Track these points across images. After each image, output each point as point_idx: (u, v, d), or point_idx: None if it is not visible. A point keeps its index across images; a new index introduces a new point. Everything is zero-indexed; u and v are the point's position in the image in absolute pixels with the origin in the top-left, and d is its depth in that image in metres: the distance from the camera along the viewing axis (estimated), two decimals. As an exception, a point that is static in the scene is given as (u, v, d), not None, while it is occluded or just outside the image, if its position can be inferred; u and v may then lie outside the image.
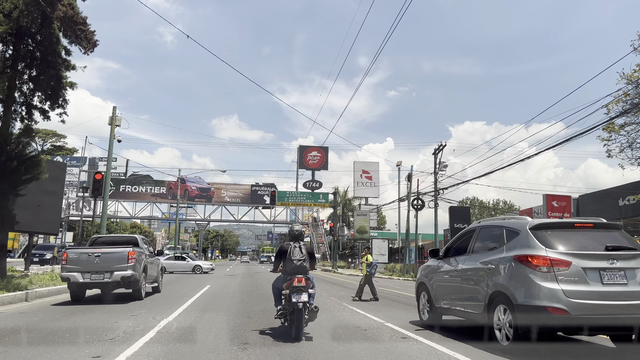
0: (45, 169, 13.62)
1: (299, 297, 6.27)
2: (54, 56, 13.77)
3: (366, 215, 40.97)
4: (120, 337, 6.26)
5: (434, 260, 8.06)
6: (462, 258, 7.04)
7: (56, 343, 5.92)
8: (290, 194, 46.41)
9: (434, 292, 7.69)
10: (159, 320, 7.84)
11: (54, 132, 69.26)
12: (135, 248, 12.06)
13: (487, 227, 7.01)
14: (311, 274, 6.88)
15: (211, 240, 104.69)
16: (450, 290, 7.20)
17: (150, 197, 58.93)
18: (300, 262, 6.64)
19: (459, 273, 6.95)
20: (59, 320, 7.91)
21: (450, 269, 7.26)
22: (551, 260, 5.48)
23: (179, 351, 5.52)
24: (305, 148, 58.78)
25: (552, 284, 5.37)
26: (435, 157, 30.73)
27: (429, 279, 7.97)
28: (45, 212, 17.69)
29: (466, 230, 7.61)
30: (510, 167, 43.65)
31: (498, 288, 5.90)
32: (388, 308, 10.78)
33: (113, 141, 19.36)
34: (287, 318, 6.59)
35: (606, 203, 26.08)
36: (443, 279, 7.50)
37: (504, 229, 6.38)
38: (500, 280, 5.90)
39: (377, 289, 12.98)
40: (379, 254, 34.80)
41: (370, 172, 53.93)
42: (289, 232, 7.32)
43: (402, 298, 13.66)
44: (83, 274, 11.16)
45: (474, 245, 6.90)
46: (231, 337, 6.47)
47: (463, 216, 31.83)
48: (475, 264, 6.57)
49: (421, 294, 8.22)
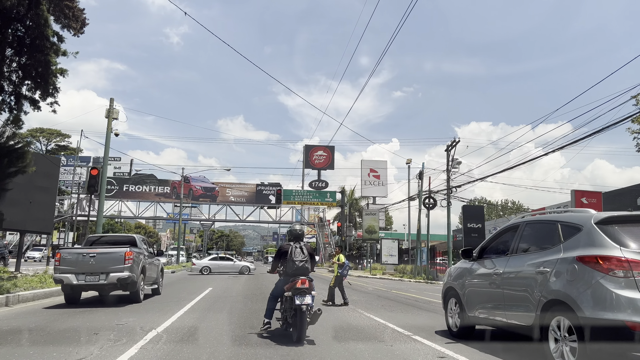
0: (32, 162, 12.62)
1: (303, 299, 6.01)
2: (42, 40, 12.77)
3: (375, 214, 39.78)
4: (95, 356, 5.15)
5: (465, 261, 7.07)
6: (502, 259, 6.07)
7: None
8: (297, 192, 45.23)
9: (466, 298, 6.71)
10: (147, 330, 6.74)
11: (59, 131, 68.89)
12: (132, 248, 11.18)
13: (534, 222, 6.03)
14: (316, 274, 6.27)
15: (216, 240, 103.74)
16: (488, 297, 6.20)
17: (154, 197, 58.05)
18: (302, 263, 6.40)
19: (499, 277, 5.94)
20: (30, 330, 6.82)
21: (488, 272, 6.26)
22: (630, 262, 4.43)
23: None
24: (311, 147, 57.80)
25: (631, 292, 4.33)
26: (448, 154, 29.51)
27: (460, 283, 6.98)
28: (37, 209, 16.68)
29: (506, 227, 6.57)
30: (516, 167, 42.60)
31: (555, 296, 4.89)
32: (409, 315, 9.64)
33: (110, 135, 18.31)
34: (287, 321, 6.33)
35: (623, 202, 25.00)
36: (478, 283, 6.53)
37: (559, 224, 5.36)
38: (557, 287, 4.89)
39: (391, 292, 11.84)
40: (389, 254, 33.55)
41: (378, 171, 52.75)
42: (290, 232, 7.08)
43: (421, 303, 12.49)
44: (77, 275, 10.46)
45: (518, 244, 5.93)
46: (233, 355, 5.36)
47: (476, 215, 30.49)
48: (522, 266, 5.59)
49: (450, 300, 7.25)
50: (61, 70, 13.98)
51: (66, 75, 14.07)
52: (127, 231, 74.71)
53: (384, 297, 13.91)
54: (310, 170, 57.99)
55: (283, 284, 6.56)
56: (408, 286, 21.20)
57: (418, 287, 20.33)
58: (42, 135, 68.36)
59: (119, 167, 63.28)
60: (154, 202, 57.59)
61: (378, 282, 25.07)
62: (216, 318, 8.45)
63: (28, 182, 16.40)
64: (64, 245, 42.40)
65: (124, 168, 62.86)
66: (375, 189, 52.53)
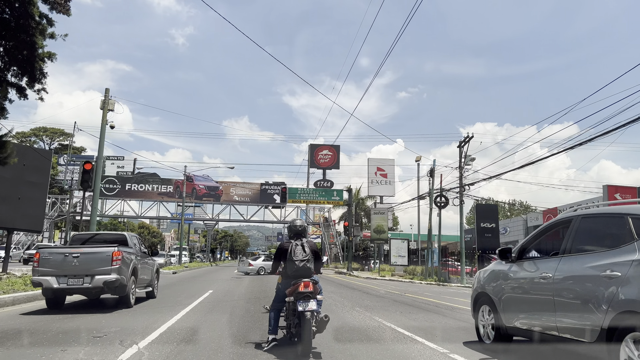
0: (14, 153, 11.55)
1: (306, 305, 5.26)
2: (26, 19, 11.66)
3: (384, 213, 38.51)
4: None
5: (500, 263, 6.12)
6: (551, 261, 5.13)
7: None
8: (302, 190, 44.00)
9: (503, 306, 5.78)
10: (126, 346, 5.59)
11: (62, 130, 68.34)
12: (121, 247, 10.06)
13: (593, 216, 5.04)
14: (320, 276, 5.75)
15: (219, 240, 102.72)
16: (533, 306, 5.28)
17: (157, 196, 57.06)
18: (304, 263, 5.59)
19: (549, 282, 4.99)
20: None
21: (533, 275, 5.34)
22: None
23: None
24: (316, 147, 56.76)
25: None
26: (461, 150, 28.22)
27: (494, 288, 6.04)
28: (26, 206, 15.61)
29: (554, 221, 5.58)
30: (521, 168, 41.37)
31: (629, 307, 3.98)
32: (434, 323, 8.45)
33: (105, 127, 17.23)
34: (291, 331, 5.63)
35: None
36: (519, 289, 5.58)
37: (630, 217, 4.39)
38: (632, 295, 3.97)
39: (405, 295, 10.77)
40: (398, 255, 32.23)
41: (386, 169, 51.48)
42: (290, 228, 6.17)
43: (442, 309, 11.28)
44: (58, 278, 9.36)
45: (572, 242, 4.95)
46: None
47: (490, 214, 29.22)
48: (581, 269, 4.66)
49: (481, 307, 6.32)
50: (49, 54, 12.88)
51: (54, 59, 12.97)
52: (130, 231, 73.77)
53: (400, 302, 12.73)
54: (315, 169, 57.04)
55: (284, 288, 5.72)
56: (421, 289, 19.97)
57: (432, 290, 19.11)
58: (46, 134, 67.87)
59: (122, 167, 62.50)
60: (156, 202, 56.64)
61: (388, 284, 23.85)
62: (214, 327, 7.30)
63: (16, 177, 15.35)
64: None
65: (127, 167, 62.04)
66: (382, 187, 51.27)
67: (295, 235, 5.97)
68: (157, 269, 13.25)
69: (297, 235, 5.97)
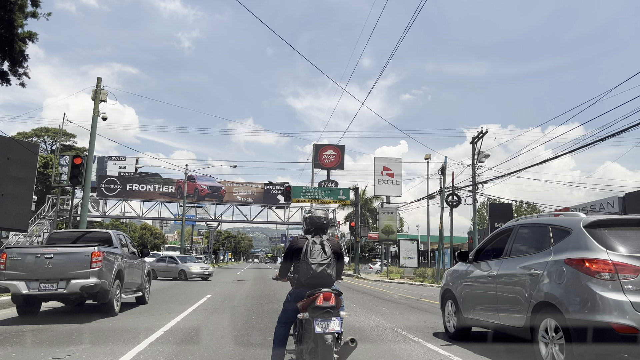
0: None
1: (327, 325, 3.88)
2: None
3: (393, 213, 37.18)
4: None
5: (462, 264, 7.08)
6: (497, 262, 6.10)
7: None
8: (307, 189, 42.52)
9: (462, 300, 6.73)
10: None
11: (64, 130, 67.31)
12: (103, 247, 8.77)
13: (527, 225, 5.98)
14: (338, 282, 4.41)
15: (222, 241, 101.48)
16: (482, 300, 6.25)
17: (159, 197, 55.99)
18: (323, 268, 4.12)
19: (493, 279, 6.00)
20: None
21: (483, 274, 6.32)
22: (615, 265, 4.40)
23: None
24: (320, 147, 55.49)
25: (616, 295, 4.29)
26: (474, 147, 26.93)
27: (456, 285, 7.02)
28: (10, 203, 14.42)
29: (501, 229, 6.54)
30: (525, 170, 40.07)
31: (544, 298, 4.90)
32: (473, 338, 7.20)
33: (97, 118, 16.01)
34: (304, 358, 4.14)
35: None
36: (474, 285, 6.55)
37: (550, 227, 5.35)
38: (547, 289, 4.91)
39: (421, 300, 10.05)
40: (407, 257, 30.83)
41: (392, 169, 50.08)
42: (308, 220, 4.54)
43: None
44: (28, 282, 8.18)
45: (512, 246, 5.93)
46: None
47: (504, 214, 27.89)
48: (514, 269, 5.63)
49: (447, 302, 7.26)
50: (29, 34, 11.73)
51: (35, 40, 11.80)
52: (132, 233, 72.62)
53: (420, 309, 11.48)
54: (320, 170, 55.80)
55: (295, 300, 4.23)
56: (435, 293, 18.59)
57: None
58: (47, 134, 66.98)
59: (124, 167, 61.49)
60: (158, 202, 55.56)
61: (399, 287, 22.50)
62: (209, 341, 6.04)
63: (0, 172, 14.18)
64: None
65: (129, 167, 61.03)
66: (389, 187, 49.88)
67: (316, 230, 4.43)
68: (148, 272, 12.01)
69: (318, 229, 4.44)
